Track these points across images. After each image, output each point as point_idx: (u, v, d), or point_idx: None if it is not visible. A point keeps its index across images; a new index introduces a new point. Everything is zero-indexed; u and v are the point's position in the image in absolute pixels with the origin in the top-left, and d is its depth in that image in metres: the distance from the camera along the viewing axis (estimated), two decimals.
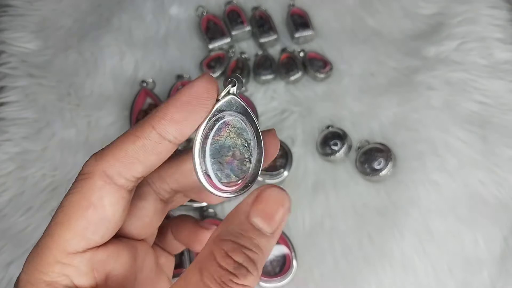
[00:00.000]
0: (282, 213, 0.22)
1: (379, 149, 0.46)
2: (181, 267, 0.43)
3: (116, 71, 0.54)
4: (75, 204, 0.22)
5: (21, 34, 0.55)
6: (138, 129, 0.22)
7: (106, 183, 0.22)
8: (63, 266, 0.21)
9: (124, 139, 0.22)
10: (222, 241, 0.21)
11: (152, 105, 0.51)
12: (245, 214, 0.21)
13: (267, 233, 0.21)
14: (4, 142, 0.49)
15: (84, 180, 0.22)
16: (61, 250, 0.21)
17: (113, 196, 0.22)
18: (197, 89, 0.22)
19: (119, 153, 0.22)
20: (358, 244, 0.44)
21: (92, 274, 0.22)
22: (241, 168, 0.23)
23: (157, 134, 0.21)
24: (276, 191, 0.22)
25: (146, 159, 0.22)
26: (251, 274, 0.20)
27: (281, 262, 0.44)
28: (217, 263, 0.20)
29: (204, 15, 0.57)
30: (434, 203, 0.45)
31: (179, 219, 0.30)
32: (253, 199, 0.22)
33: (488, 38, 0.52)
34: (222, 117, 0.23)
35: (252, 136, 0.23)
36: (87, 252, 0.22)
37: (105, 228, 0.22)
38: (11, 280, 0.43)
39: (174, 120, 0.21)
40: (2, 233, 0.45)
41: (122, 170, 0.22)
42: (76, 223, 0.21)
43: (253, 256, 0.21)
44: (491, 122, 0.48)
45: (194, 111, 0.22)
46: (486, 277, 0.42)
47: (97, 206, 0.22)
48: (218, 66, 0.53)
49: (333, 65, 0.53)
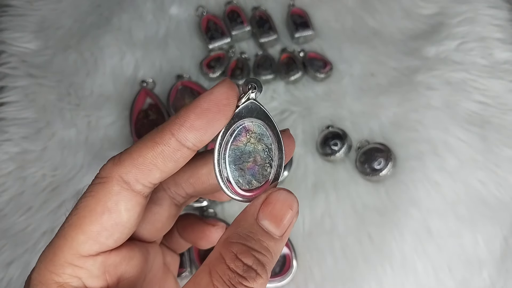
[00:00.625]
0: (290, 216, 0.22)
1: (379, 149, 0.47)
2: (181, 267, 0.43)
3: (116, 71, 0.54)
4: (90, 208, 0.22)
5: (21, 34, 0.55)
6: (157, 135, 0.21)
7: (123, 189, 0.22)
8: (75, 268, 0.21)
9: (142, 145, 0.22)
10: (232, 244, 0.21)
11: (152, 105, 0.51)
12: (253, 217, 0.22)
13: (276, 236, 0.22)
14: (4, 142, 0.49)
15: (101, 184, 0.22)
16: (73, 253, 0.21)
17: (129, 202, 0.22)
18: (217, 96, 0.21)
19: (137, 158, 0.21)
20: (358, 244, 0.44)
21: (104, 277, 0.22)
22: (263, 173, 0.23)
23: (176, 141, 0.21)
24: (284, 194, 0.22)
25: (164, 166, 0.22)
26: (260, 276, 0.20)
27: (281, 262, 0.44)
28: (226, 265, 0.20)
29: (204, 15, 0.57)
30: (434, 203, 0.45)
31: (185, 217, 0.30)
32: (261, 202, 0.22)
33: (488, 38, 0.52)
34: (242, 122, 0.23)
35: (273, 141, 0.23)
36: (100, 255, 0.22)
37: (119, 233, 0.22)
38: (11, 280, 0.43)
39: (194, 127, 0.21)
40: (2, 233, 0.45)
41: (140, 176, 0.22)
42: (91, 227, 0.21)
43: (262, 259, 0.21)
44: (491, 122, 0.48)
45: (214, 118, 0.21)
46: (486, 277, 0.42)
47: (113, 211, 0.21)
48: (218, 66, 0.53)
49: (333, 65, 0.53)
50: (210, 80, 0.53)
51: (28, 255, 0.44)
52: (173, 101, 0.51)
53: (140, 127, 0.49)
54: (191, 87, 0.52)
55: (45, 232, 0.45)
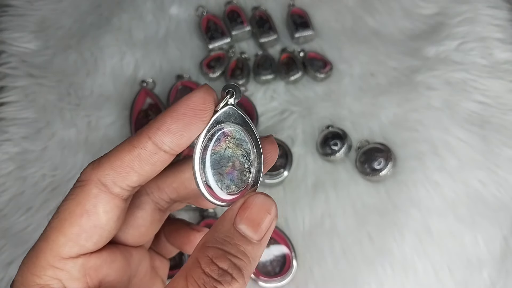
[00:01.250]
0: (268, 220, 0.22)
1: (379, 149, 0.47)
2: (178, 268, 0.43)
3: (116, 71, 0.54)
4: (70, 210, 0.22)
5: (21, 34, 0.55)
6: (134, 139, 0.22)
7: (101, 191, 0.22)
8: (55, 270, 0.22)
9: (120, 148, 0.22)
10: (208, 248, 0.21)
11: (152, 105, 0.51)
12: (231, 221, 0.21)
13: (253, 240, 0.21)
14: (4, 142, 0.49)
15: (80, 188, 0.22)
16: (54, 254, 0.22)
17: (108, 204, 0.22)
18: (194, 101, 0.22)
19: (115, 161, 0.22)
20: (358, 244, 0.44)
21: (85, 279, 0.22)
22: (241, 178, 0.23)
23: (153, 145, 0.22)
24: (261, 198, 0.22)
25: (141, 168, 0.22)
26: (236, 281, 0.20)
27: (281, 262, 0.44)
28: (201, 270, 0.20)
29: (204, 15, 0.57)
30: (434, 203, 0.45)
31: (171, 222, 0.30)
32: (239, 206, 0.22)
33: (488, 38, 0.52)
34: (221, 127, 0.23)
35: (252, 146, 0.23)
36: (80, 257, 0.22)
37: (98, 235, 0.22)
38: (11, 280, 0.43)
39: (170, 131, 0.21)
40: (2, 233, 0.45)
41: (117, 179, 0.22)
42: (70, 229, 0.22)
43: (239, 263, 0.21)
44: (491, 122, 0.48)
45: (190, 122, 0.22)
46: (486, 277, 0.42)
47: (91, 214, 0.22)
48: (218, 66, 0.53)
49: (333, 65, 0.53)
50: (210, 80, 0.53)
51: None
52: (173, 101, 0.51)
53: (140, 127, 0.49)
54: (191, 87, 0.52)
55: None
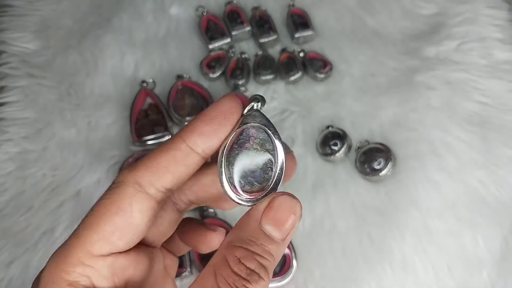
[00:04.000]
0: (293, 220, 0.23)
1: (379, 149, 0.47)
2: (181, 267, 0.43)
3: (116, 71, 0.54)
4: (105, 208, 0.22)
5: (21, 34, 0.55)
6: (169, 142, 0.24)
7: (137, 191, 0.23)
8: (85, 267, 0.22)
9: (156, 151, 0.24)
10: (235, 248, 0.22)
11: (152, 105, 0.51)
12: (256, 221, 0.22)
13: (277, 240, 0.22)
14: (4, 142, 0.49)
15: (116, 188, 0.23)
16: (85, 252, 0.22)
17: (143, 204, 0.23)
18: (223, 105, 0.24)
19: (151, 163, 0.23)
20: (358, 244, 0.44)
21: (113, 278, 0.23)
22: (264, 176, 0.24)
23: (187, 146, 0.23)
24: (288, 199, 0.23)
25: (176, 169, 0.23)
26: (262, 279, 0.21)
27: (281, 262, 0.44)
28: (230, 269, 0.21)
29: (204, 15, 0.57)
30: (434, 203, 0.45)
31: (186, 221, 0.30)
32: (265, 206, 0.23)
33: (488, 38, 0.52)
34: (247, 129, 0.24)
35: (275, 146, 0.24)
36: (110, 256, 0.22)
37: (131, 234, 0.23)
38: (11, 280, 0.43)
39: (203, 133, 0.23)
40: (2, 232, 0.45)
41: (153, 179, 0.23)
42: (104, 227, 0.22)
43: (265, 263, 0.22)
44: (491, 122, 0.48)
45: (221, 124, 0.24)
46: (486, 277, 0.42)
47: (126, 212, 0.22)
48: (218, 66, 0.53)
49: (333, 65, 0.53)
50: (210, 80, 0.54)
51: (28, 255, 0.44)
52: (173, 101, 0.51)
53: (140, 127, 0.49)
54: (191, 87, 0.52)
55: (45, 232, 0.45)
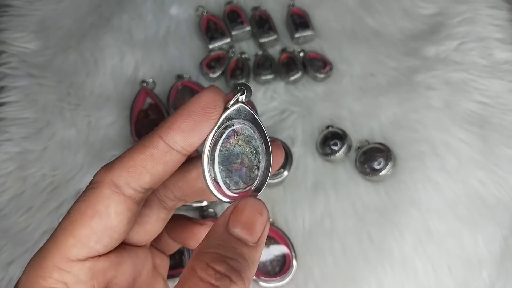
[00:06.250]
0: (261, 222, 0.22)
1: (379, 149, 0.47)
2: (182, 267, 0.43)
3: (116, 71, 0.54)
4: (81, 211, 0.22)
5: (21, 34, 0.55)
6: (146, 140, 0.22)
7: (114, 193, 0.22)
8: (62, 272, 0.21)
9: (133, 150, 0.22)
10: (203, 254, 0.20)
11: (152, 105, 0.51)
12: (224, 226, 0.21)
13: (250, 243, 0.21)
14: (4, 142, 0.49)
15: (92, 189, 0.22)
16: (61, 256, 0.21)
17: (120, 206, 0.22)
18: (203, 100, 0.22)
19: (128, 162, 0.22)
20: (358, 244, 0.44)
21: (91, 282, 0.22)
22: (250, 175, 0.23)
23: (165, 144, 0.22)
24: (251, 201, 0.22)
25: (153, 168, 0.22)
26: (235, 284, 0.19)
27: (281, 262, 0.44)
28: (197, 277, 0.20)
29: (204, 15, 0.57)
30: (434, 203, 0.45)
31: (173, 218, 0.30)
32: (231, 211, 0.22)
33: (488, 38, 0.52)
34: (231, 124, 0.23)
35: (261, 143, 0.23)
36: (88, 260, 0.22)
37: (108, 237, 0.22)
38: (11, 280, 0.43)
39: (181, 130, 0.22)
40: (2, 233, 0.45)
41: (130, 180, 0.22)
42: (80, 230, 0.21)
43: (237, 266, 0.20)
44: (491, 122, 0.48)
45: (201, 120, 0.22)
46: (486, 277, 0.42)
47: (103, 215, 0.21)
48: (218, 66, 0.53)
49: (333, 65, 0.53)
50: (210, 80, 0.54)
51: (28, 255, 0.44)
52: (173, 101, 0.51)
53: (140, 127, 0.49)
54: (191, 87, 0.52)
55: (45, 232, 0.45)
